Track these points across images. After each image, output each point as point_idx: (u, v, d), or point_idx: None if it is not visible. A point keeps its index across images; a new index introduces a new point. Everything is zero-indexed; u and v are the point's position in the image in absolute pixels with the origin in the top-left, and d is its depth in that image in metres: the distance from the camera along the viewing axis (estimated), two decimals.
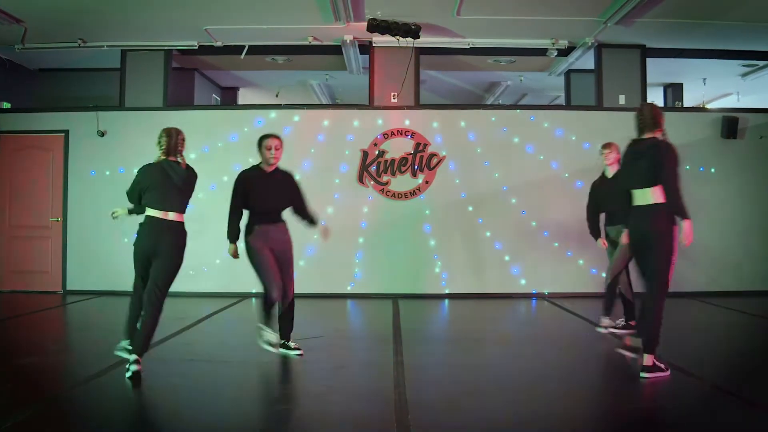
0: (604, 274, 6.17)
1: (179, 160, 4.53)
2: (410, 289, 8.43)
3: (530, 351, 5.33)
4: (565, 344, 5.63)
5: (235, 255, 4.97)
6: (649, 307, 4.25)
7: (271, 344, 4.74)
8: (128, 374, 4.25)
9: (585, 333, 6.02)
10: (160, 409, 3.92)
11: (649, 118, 4.36)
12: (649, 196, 4.26)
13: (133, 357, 4.30)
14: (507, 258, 8.47)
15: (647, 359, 4.24)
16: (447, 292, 8.46)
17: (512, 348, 5.33)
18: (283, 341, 4.96)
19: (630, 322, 5.79)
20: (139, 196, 4.50)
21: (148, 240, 4.39)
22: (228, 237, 4.90)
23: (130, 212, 4.68)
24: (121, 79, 8.68)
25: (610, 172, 5.91)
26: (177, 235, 4.47)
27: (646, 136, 4.39)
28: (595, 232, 6.05)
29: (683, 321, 6.59)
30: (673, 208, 4.17)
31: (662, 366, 4.28)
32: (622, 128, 8.50)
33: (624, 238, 5.24)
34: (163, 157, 4.50)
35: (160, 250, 4.37)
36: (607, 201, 5.82)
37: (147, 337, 4.35)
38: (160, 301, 4.39)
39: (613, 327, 5.77)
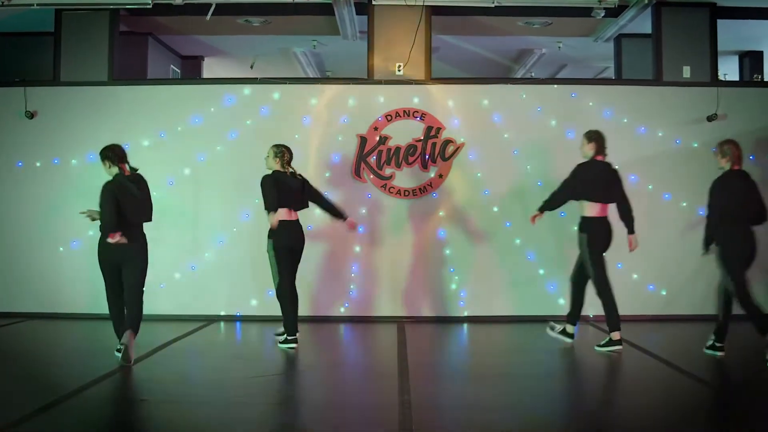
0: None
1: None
2: (420, 312, 8.45)
3: (568, 389, 5.34)
4: (613, 381, 5.64)
5: None
6: None
7: None
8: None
9: (638, 365, 6.03)
10: None
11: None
12: None
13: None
14: (542, 272, 8.48)
15: None
16: (466, 314, 8.47)
17: (546, 385, 5.35)
18: None
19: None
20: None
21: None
22: None
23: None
24: (56, 47, 8.70)
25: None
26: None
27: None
28: None
29: None
30: None
31: None
32: (687, 108, 8.70)
33: None
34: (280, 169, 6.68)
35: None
36: None
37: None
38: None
39: None
